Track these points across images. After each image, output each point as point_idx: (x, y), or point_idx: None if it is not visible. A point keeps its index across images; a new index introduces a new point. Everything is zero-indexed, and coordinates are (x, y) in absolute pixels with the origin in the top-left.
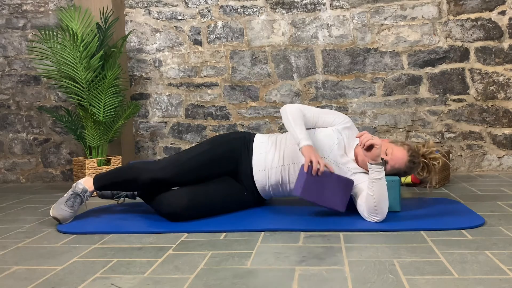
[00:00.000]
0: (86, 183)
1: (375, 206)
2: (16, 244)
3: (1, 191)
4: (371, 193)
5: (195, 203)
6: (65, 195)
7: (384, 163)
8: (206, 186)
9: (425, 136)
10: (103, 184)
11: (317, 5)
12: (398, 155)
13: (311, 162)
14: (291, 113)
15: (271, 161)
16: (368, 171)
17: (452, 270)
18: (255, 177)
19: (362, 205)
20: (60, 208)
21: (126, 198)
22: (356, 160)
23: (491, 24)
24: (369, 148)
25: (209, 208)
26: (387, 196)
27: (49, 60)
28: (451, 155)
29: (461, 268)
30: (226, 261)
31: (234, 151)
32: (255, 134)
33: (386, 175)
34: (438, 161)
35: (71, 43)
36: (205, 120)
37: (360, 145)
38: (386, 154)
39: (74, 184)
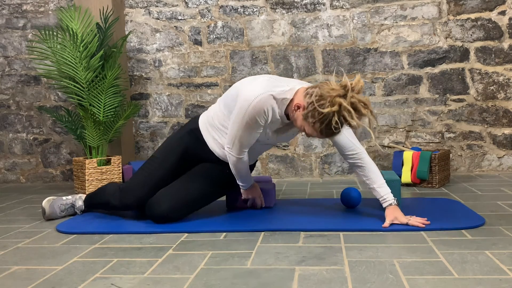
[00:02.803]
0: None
1: None
2: (16, 244)
3: (1, 191)
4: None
5: (180, 203)
6: (64, 199)
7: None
8: (187, 180)
9: (425, 136)
10: (88, 204)
11: (317, 5)
12: (318, 137)
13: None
14: (235, 168)
15: (224, 142)
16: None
17: (452, 270)
18: (222, 159)
19: (354, 169)
20: (53, 206)
21: None
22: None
23: (491, 24)
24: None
25: (195, 203)
26: None
27: (49, 60)
28: (451, 155)
29: (461, 268)
30: (226, 261)
31: (188, 148)
32: (199, 117)
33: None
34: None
35: (71, 43)
36: None
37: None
38: (306, 131)
39: (78, 196)
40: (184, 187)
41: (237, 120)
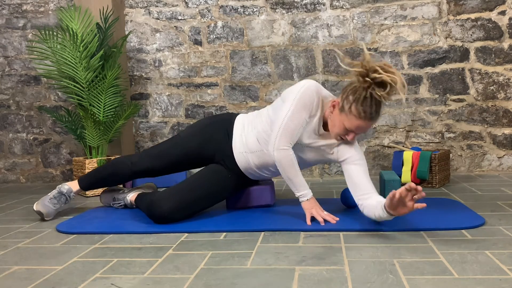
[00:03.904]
0: (71, 184)
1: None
2: (16, 244)
3: (1, 191)
4: (374, 217)
5: (181, 204)
6: (49, 194)
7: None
8: (190, 182)
9: (425, 136)
10: (88, 182)
11: (317, 5)
12: (359, 125)
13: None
14: (282, 164)
15: (251, 145)
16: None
17: (452, 270)
18: (236, 160)
19: (357, 200)
20: (44, 204)
21: (125, 207)
22: (325, 126)
23: (491, 24)
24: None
25: (196, 205)
26: None
27: (49, 60)
28: (451, 155)
29: (461, 268)
30: (226, 261)
31: (212, 135)
32: (238, 114)
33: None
34: (380, 75)
35: (71, 43)
36: None
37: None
38: (348, 134)
39: (60, 185)
40: (186, 188)
41: (287, 103)
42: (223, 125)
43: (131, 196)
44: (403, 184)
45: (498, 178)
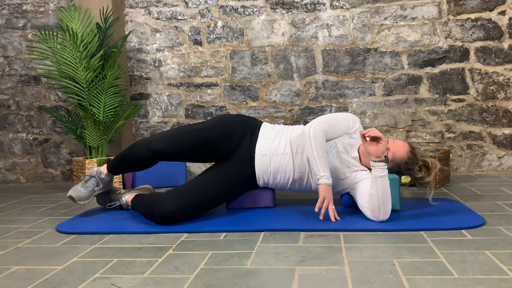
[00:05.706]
0: (102, 167)
1: (379, 205)
2: (16, 244)
3: (1, 191)
4: (374, 192)
5: (185, 205)
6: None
7: (387, 160)
8: (195, 184)
9: (425, 136)
10: (113, 163)
11: (317, 5)
12: (399, 145)
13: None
14: (315, 140)
15: (276, 148)
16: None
17: (452, 270)
18: (256, 161)
19: (365, 206)
20: (76, 189)
21: (121, 208)
22: (360, 160)
23: (491, 24)
24: (374, 140)
25: (200, 207)
26: (390, 194)
27: (49, 60)
28: (451, 155)
29: (461, 268)
30: (226, 261)
31: (236, 132)
32: (263, 122)
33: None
34: (434, 164)
35: (71, 43)
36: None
37: (365, 135)
38: (387, 147)
39: (90, 170)
40: (192, 191)
41: (333, 113)
42: (249, 125)
43: (127, 197)
44: (403, 184)
45: (498, 178)
